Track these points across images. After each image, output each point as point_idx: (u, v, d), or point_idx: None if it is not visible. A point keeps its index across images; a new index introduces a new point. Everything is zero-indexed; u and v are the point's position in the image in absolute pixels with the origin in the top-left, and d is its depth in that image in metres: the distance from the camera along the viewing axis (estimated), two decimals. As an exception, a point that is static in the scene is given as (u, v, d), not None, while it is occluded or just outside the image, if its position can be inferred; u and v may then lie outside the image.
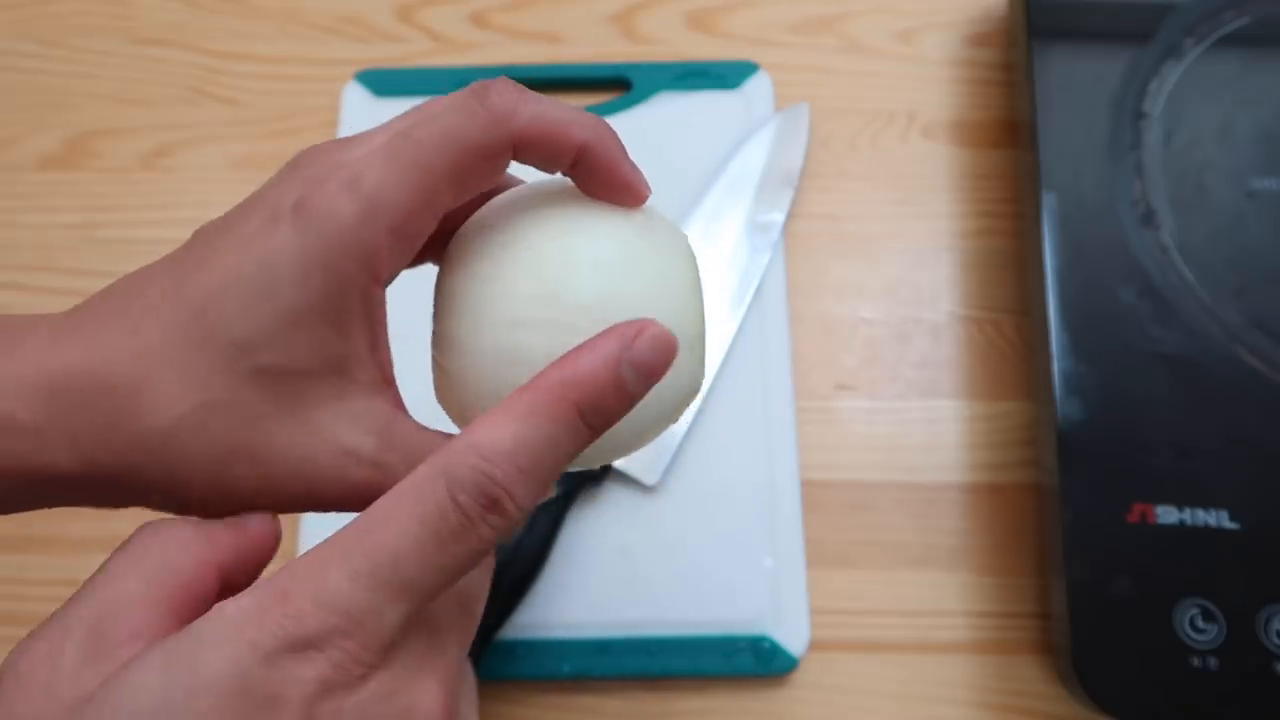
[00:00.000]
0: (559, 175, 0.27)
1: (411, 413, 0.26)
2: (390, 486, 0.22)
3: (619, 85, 0.51)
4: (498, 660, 0.41)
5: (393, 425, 0.24)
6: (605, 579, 0.42)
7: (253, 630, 0.19)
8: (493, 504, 0.21)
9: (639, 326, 0.23)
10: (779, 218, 0.47)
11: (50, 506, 0.25)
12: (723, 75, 0.50)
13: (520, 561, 0.41)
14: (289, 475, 0.23)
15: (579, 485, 0.42)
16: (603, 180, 0.26)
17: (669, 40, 0.52)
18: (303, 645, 0.19)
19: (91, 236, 0.49)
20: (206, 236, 0.24)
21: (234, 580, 0.23)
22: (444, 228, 0.26)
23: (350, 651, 0.20)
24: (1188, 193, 0.44)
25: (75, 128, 0.51)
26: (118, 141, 0.51)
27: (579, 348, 0.22)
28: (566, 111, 0.25)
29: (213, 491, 0.23)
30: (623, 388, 0.22)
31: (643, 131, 0.50)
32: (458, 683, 0.23)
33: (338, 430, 0.24)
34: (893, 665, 0.42)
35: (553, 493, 0.25)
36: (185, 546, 0.23)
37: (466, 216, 0.27)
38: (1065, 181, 0.44)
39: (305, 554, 0.21)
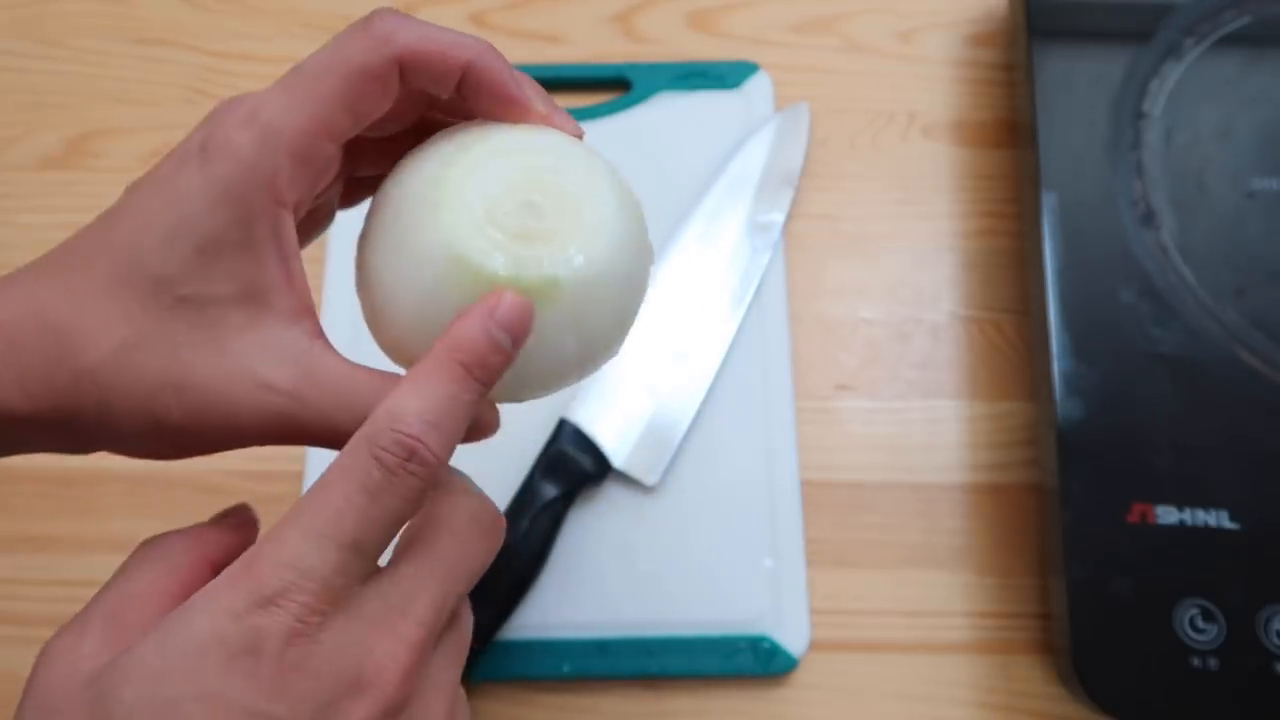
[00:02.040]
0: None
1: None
2: (307, 420, 0.25)
3: (619, 85, 0.51)
4: (497, 660, 0.41)
5: (309, 355, 0.25)
6: (605, 579, 0.42)
7: (225, 595, 0.22)
8: (410, 454, 0.23)
9: (498, 294, 0.25)
10: (779, 218, 0.47)
11: (9, 453, 0.26)
12: (722, 75, 0.50)
13: (520, 561, 0.41)
14: (211, 405, 0.25)
15: (579, 485, 0.42)
16: (490, 96, 0.27)
17: (669, 40, 0.52)
18: (265, 601, 0.22)
19: (91, 236, 0.49)
20: (131, 188, 0.26)
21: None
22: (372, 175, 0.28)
23: (306, 603, 0.22)
24: (1188, 193, 0.44)
25: (75, 128, 0.51)
26: (118, 141, 0.51)
27: (458, 318, 0.25)
28: (449, 33, 0.27)
29: (144, 423, 0.25)
30: (497, 346, 0.25)
31: (643, 131, 0.50)
32: (428, 651, 0.24)
33: (253, 360, 0.25)
34: (893, 665, 0.42)
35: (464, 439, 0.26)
36: (183, 548, 0.26)
37: (388, 153, 0.29)
38: (1065, 181, 0.44)
39: (266, 533, 0.23)
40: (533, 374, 0.26)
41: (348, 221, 0.31)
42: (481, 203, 0.25)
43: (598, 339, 0.27)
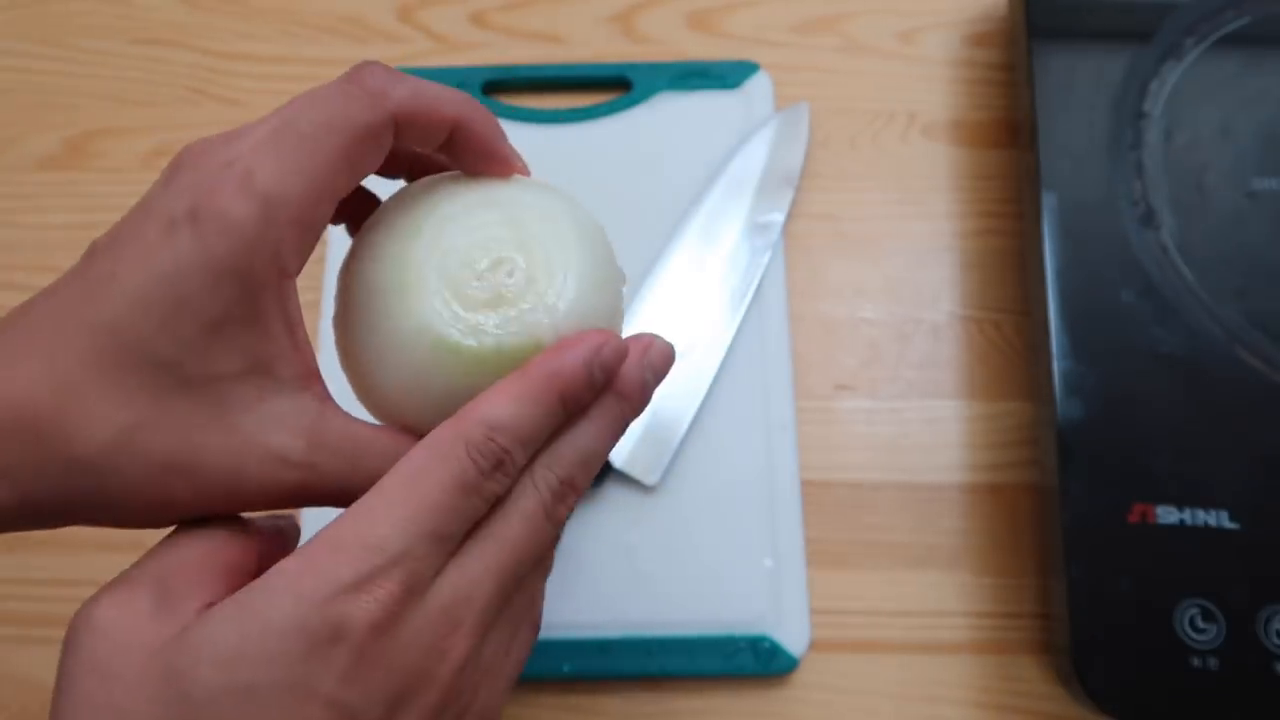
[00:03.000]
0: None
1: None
2: (321, 486, 0.24)
3: (619, 85, 0.51)
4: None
5: (320, 422, 0.25)
6: (605, 579, 0.42)
7: (309, 579, 0.22)
8: (498, 465, 0.24)
9: (605, 336, 0.26)
10: (779, 218, 0.47)
11: None
12: (723, 75, 0.50)
13: (520, 561, 0.41)
14: (223, 483, 0.24)
15: (579, 485, 0.42)
16: (476, 152, 0.28)
17: (669, 40, 0.52)
18: (351, 588, 0.22)
19: (91, 236, 0.48)
20: (105, 252, 0.24)
21: (269, 566, 0.24)
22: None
23: (392, 592, 0.22)
24: (1188, 193, 0.44)
25: (75, 128, 0.51)
26: (118, 141, 0.51)
27: (560, 347, 0.25)
28: (437, 88, 0.27)
29: (152, 506, 0.24)
30: (593, 383, 0.26)
31: (643, 131, 0.50)
32: (489, 639, 0.25)
33: (265, 434, 0.24)
34: (893, 665, 0.42)
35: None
36: (233, 533, 0.25)
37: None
38: (1065, 181, 0.44)
39: (347, 513, 0.23)
40: None
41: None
42: (448, 278, 0.26)
43: None
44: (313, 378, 0.25)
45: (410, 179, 0.30)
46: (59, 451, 0.23)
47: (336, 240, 0.47)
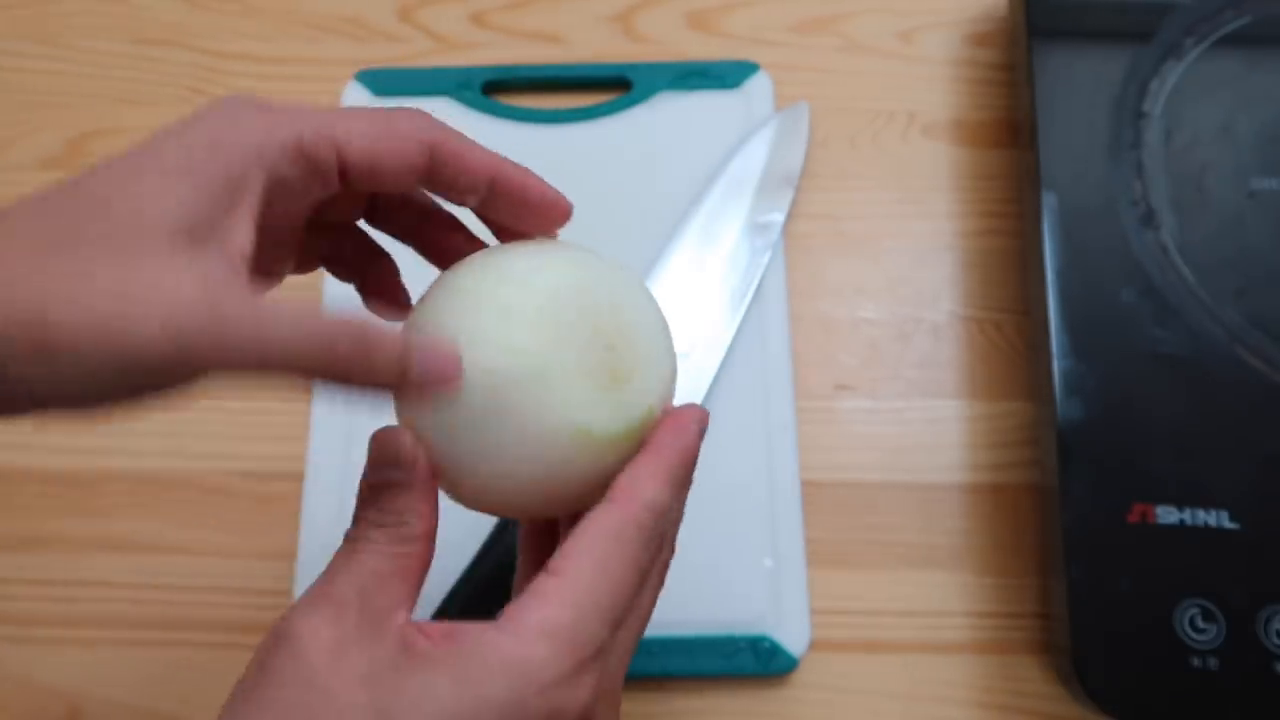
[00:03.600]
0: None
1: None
2: (227, 330, 0.23)
3: (619, 85, 0.51)
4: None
5: (225, 284, 0.23)
6: (605, 579, 0.42)
7: (528, 666, 0.23)
8: (660, 546, 0.27)
9: (702, 412, 0.29)
10: (779, 218, 0.47)
11: None
12: (723, 75, 0.50)
13: (520, 561, 0.41)
14: (109, 307, 0.22)
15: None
16: (521, 203, 0.28)
17: (669, 40, 0.52)
18: (568, 680, 0.24)
19: (91, 236, 0.49)
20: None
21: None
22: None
23: (596, 684, 0.24)
24: (1188, 193, 0.44)
25: (75, 128, 0.51)
26: (118, 141, 0.51)
27: (678, 424, 0.28)
28: (481, 148, 0.28)
29: (31, 333, 0.22)
30: (696, 454, 0.28)
31: (643, 131, 0.50)
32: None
33: (165, 278, 0.23)
34: (893, 665, 0.42)
35: None
36: (409, 539, 0.26)
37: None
38: (1065, 181, 0.44)
39: (546, 588, 0.24)
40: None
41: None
42: (578, 366, 0.26)
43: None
44: (238, 258, 0.24)
45: (408, 236, 0.31)
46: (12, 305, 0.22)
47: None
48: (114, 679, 0.42)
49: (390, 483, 0.26)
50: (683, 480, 0.27)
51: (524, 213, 0.28)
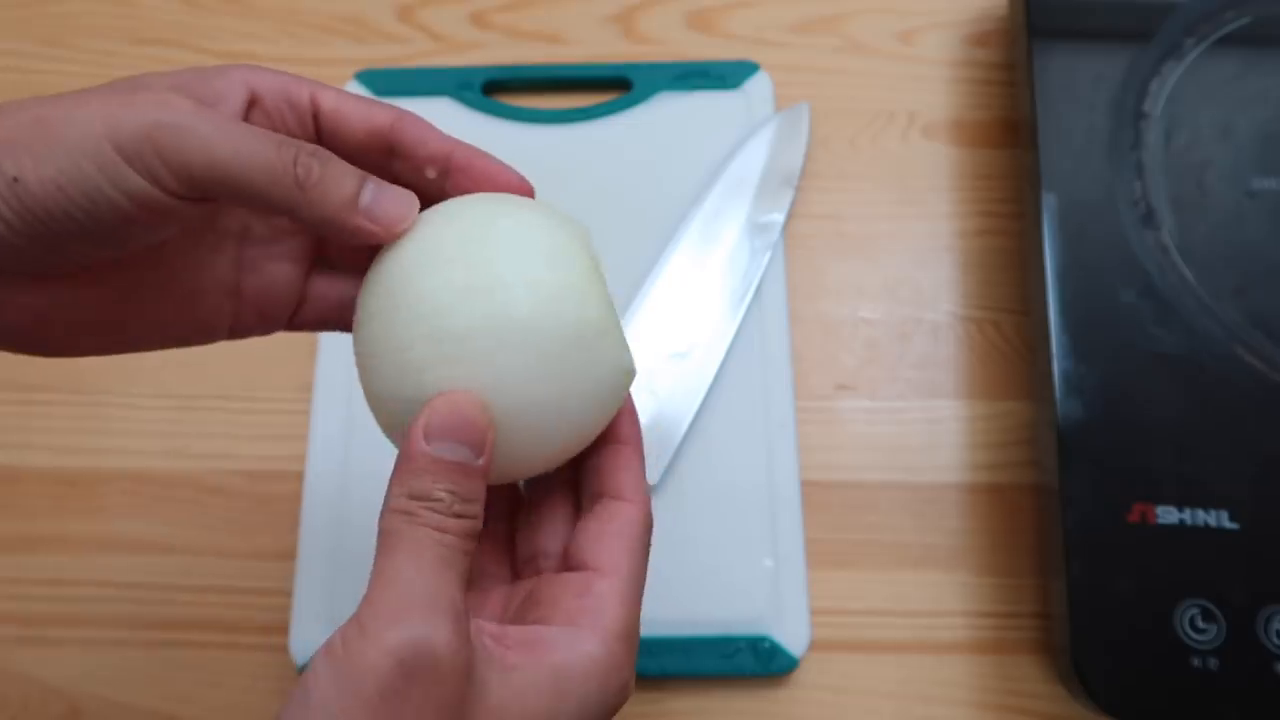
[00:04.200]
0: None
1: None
2: (185, 141, 0.23)
3: (619, 85, 0.51)
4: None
5: (203, 107, 0.25)
6: (605, 579, 0.42)
7: (617, 668, 0.26)
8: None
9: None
10: (779, 218, 0.47)
11: None
12: (723, 75, 0.50)
13: (520, 561, 0.41)
14: (97, 120, 0.23)
15: (579, 485, 0.42)
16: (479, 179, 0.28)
17: (669, 40, 0.52)
18: (630, 667, 0.26)
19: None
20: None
21: None
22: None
23: (633, 666, 0.27)
24: (1188, 193, 0.44)
25: (75, 128, 0.51)
26: (118, 141, 0.51)
27: (632, 418, 0.29)
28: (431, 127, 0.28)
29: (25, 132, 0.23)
30: None
31: (643, 131, 0.50)
32: None
33: (153, 100, 0.24)
34: (893, 665, 0.42)
35: None
36: (455, 544, 0.25)
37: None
38: (1065, 181, 0.44)
39: (611, 590, 0.27)
40: (554, 433, 0.28)
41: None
42: (606, 306, 0.27)
43: (615, 386, 0.29)
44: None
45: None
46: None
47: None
48: (114, 679, 0.42)
49: (463, 466, 0.24)
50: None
51: (477, 190, 0.29)
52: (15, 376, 0.46)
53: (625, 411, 0.29)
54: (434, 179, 0.28)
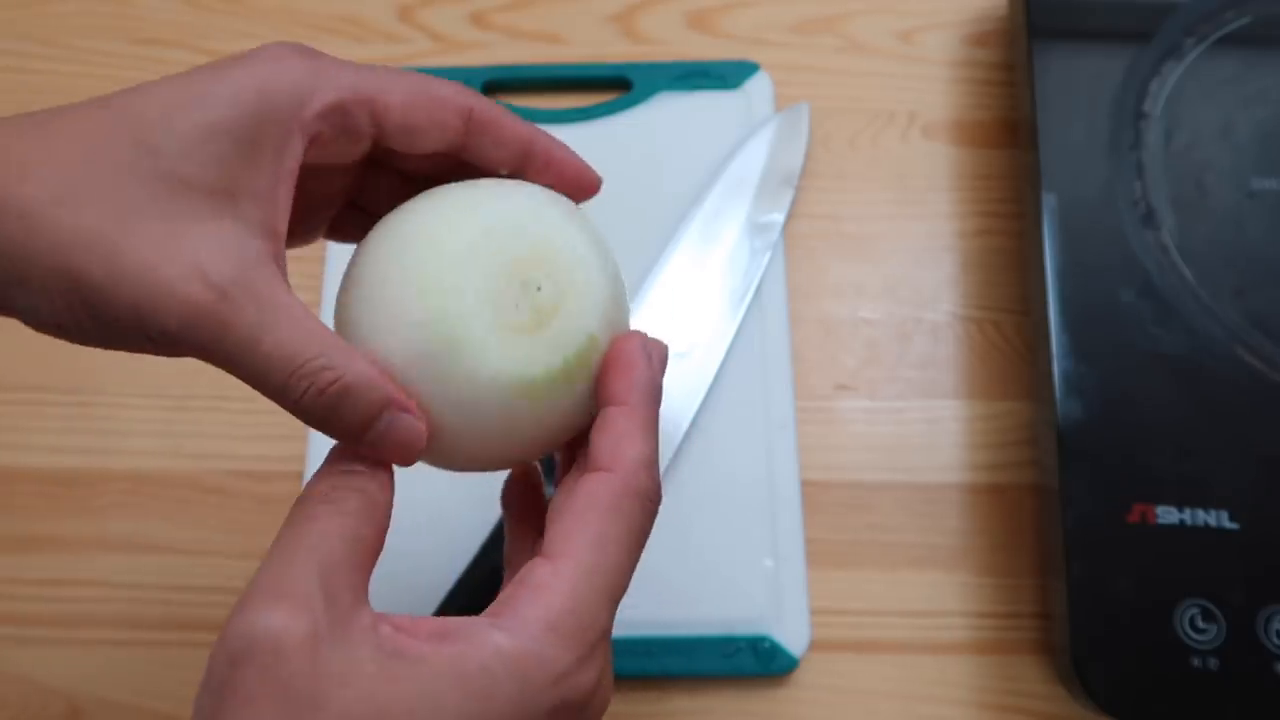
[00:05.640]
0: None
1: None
2: (230, 325, 0.23)
3: (619, 85, 0.51)
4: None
5: (256, 268, 0.24)
6: (605, 579, 0.42)
7: (536, 668, 0.22)
8: (657, 506, 0.25)
9: (658, 344, 0.27)
10: (779, 218, 0.47)
11: None
12: (723, 75, 0.50)
13: (520, 561, 0.41)
14: (135, 275, 0.23)
15: (579, 485, 0.42)
16: (554, 174, 0.28)
17: (669, 40, 0.52)
18: (575, 668, 0.23)
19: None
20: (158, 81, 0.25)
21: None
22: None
23: (600, 665, 0.23)
24: (1188, 193, 0.44)
25: (75, 128, 0.51)
26: (118, 141, 0.51)
27: (633, 360, 0.26)
28: (516, 117, 0.28)
29: (64, 277, 0.23)
30: (660, 385, 0.27)
31: (643, 131, 0.50)
32: None
33: (199, 248, 0.23)
34: (893, 665, 0.42)
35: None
36: (365, 513, 0.24)
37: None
38: (1065, 181, 0.44)
39: (545, 570, 0.23)
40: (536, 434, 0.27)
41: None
42: (497, 318, 0.25)
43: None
44: (273, 235, 0.25)
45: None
46: (11, 183, 0.23)
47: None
48: (114, 679, 0.42)
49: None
50: (656, 423, 0.26)
51: (551, 180, 0.28)
52: (11, 375, 0.46)
53: (611, 368, 0.26)
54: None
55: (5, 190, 0.22)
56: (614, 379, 0.26)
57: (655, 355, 0.27)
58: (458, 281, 0.25)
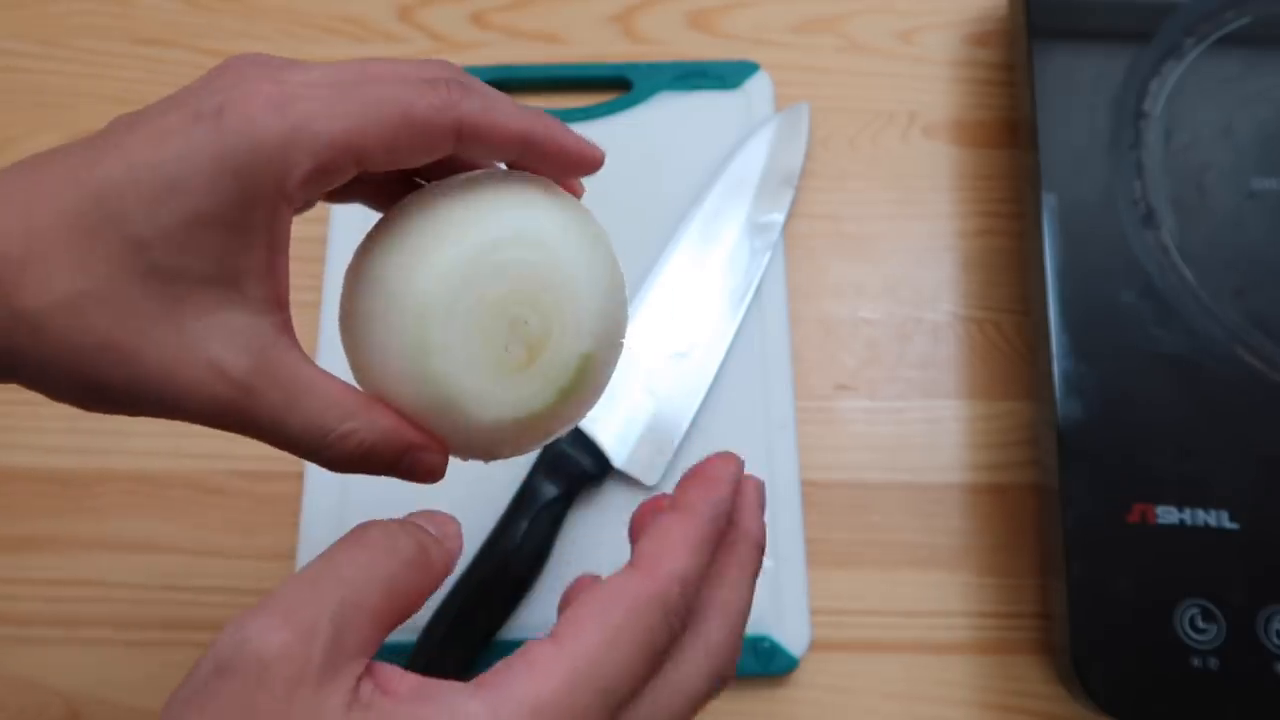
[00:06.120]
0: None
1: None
2: (253, 413, 0.24)
3: (619, 85, 0.51)
4: (497, 660, 0.41)
5: (272, 350, 0.24)
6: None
7: None
8: (684, 618, 0.24)
9: (727, 465, 0.28)
10: (779, 218, 0.47)
11: None
12: (723, 75, 0.50)
13: (520, 562, 0.41)
14: (156, 378, 0.23)
15: (579, 485, 0.42)
16: (554, 162, 0.27)
17: (669, 40, 0.52)
18: None
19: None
20: (123, 125, 0.24)
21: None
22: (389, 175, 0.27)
23: None
24: (1188, 193, 0.44)
25: (75, 128, 0.51)
26: (117, 141, 0.51)
27: (705, 484, 0.27)
28: (508, 105, 0.26)
29: (85, 383, 0.23)
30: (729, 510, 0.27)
31: (643, 131, 0.50)
32: None
33: (210, 343, 0.23)
34: (893, 665, 0.42)
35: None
36: (415, 567, 0.24)
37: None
38: (1065, 181, 0.44)
39: (560, 650, 0.22)
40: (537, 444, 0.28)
41: (350, 221, 0.31)
42: (487, 363, 0.25)
43: (601, 386, 0.28)
44: (279, 307, 0.25)
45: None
46: (9, 298, 0.22)
47: (337, 241, 0.47)
48: (114, 679, 0.42)
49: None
50: (713, 543, 0.26)
51: (553, 168, 0.28)
52: (15, 376, 0.46)
53: (695, 479, 0.27)
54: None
55: (13, 305, 0.22)
56: (692, 489, 0.26)
57: (748, 490, 0.28)
58: (446, 340, 0.25)
